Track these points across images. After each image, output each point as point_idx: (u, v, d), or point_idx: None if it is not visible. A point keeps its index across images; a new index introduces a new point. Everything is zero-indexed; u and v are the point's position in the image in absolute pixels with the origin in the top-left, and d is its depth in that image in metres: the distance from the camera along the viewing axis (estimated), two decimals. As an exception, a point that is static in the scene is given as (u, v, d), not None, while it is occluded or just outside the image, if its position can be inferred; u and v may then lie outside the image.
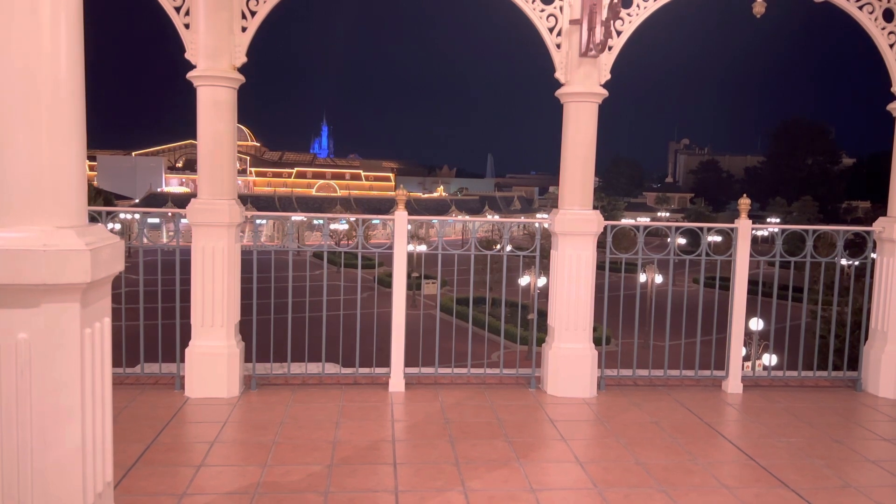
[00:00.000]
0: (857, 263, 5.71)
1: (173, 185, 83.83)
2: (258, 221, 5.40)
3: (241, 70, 4.86)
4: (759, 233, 5.55)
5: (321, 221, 5.35)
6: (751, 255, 5.38)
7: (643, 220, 5.72)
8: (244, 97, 5.05)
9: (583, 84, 4.98)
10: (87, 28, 2.07)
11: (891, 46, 5.28)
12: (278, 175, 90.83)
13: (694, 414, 4.87)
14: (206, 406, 4.72)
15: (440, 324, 5.44)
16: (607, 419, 4.77)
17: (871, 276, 5.58)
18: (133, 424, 4.31)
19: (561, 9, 4.95)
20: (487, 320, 8.48)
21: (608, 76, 5.01)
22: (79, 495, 2.01)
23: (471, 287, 5.57)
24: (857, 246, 5.72)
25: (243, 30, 4.79)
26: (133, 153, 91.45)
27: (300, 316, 5.21)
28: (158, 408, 4.63)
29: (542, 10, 4.95)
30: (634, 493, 3.55)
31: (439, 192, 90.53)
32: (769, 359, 6.76)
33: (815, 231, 5.51)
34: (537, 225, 5.62)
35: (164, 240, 5.56)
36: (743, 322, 5.43)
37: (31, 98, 1.90)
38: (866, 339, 5.65)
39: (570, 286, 5.15)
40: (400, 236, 5.14)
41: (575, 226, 5.12)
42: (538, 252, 5.50)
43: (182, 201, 4.96)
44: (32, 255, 1.86)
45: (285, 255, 5.33)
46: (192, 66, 4.76)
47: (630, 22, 5.00)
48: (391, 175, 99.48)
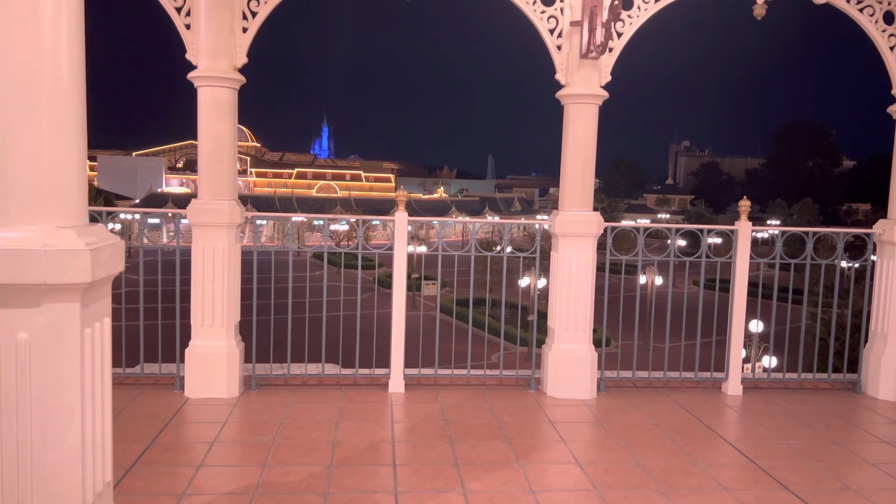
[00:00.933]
0: (857, 266, 5.71)
1: (174, 185, 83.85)
2: (258, 222, 5.40)
3: (242, 70, 4.87)
4: (760, 235, 5.55)
5: (321, 222, 5.35)
6: (751, 257, 5.38)
7: (643, 222, 5.71)
8: (245, 98, 5.06)
9: (583, 85, 4.99)
10: (87, 28, 2.08)
11: (891, 49, 5.28)
12: (279, 175, 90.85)
13: (693, 416, 4.87)
14: (206, 406, 4.72)
15: (440, 325, 5.44)
16: (607, 421, 4.77)
17: (872, 279, 5.59)
18: (133, 424, 4.31)
19: (561, 10, 4.96)
20: (487, 321, 8.48)
21: (609, 78, 5.02)
22: (78, 495, 2.01)
23: (471, 288, 5.56)
24: (858, 248, 5.72)
25: (244, 30, 4.79)
26: (133, 153, 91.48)
27: (300, 316, 5.21)
28: (158, 408, 4.63)
29: (543, 12, 4.96)
30: (634, 494, 3.55)
31: (439, 193, 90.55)
32: (769, 361, 6.76)
33: (815, 233, 5.51)
34: (537, 226, 5.62)
35: (165, 240, 5.56)
36: (743, 324, 5.43)
37: (32, 98, 1.90)
38: (866, 341, 5.65)
39: (570, 287, 5.15)
40: (400, 237, 5.14)
41: (575, 227, 5.12)
42: (538, 253, 5.50)
43: (182, 202, 4.96)
44: (33, 254, 1.86)
45: (285, 255, 5.33)
46: (192, 67, 4.77)
47: (631, 24, 5.00)
48: (391, 176, 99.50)
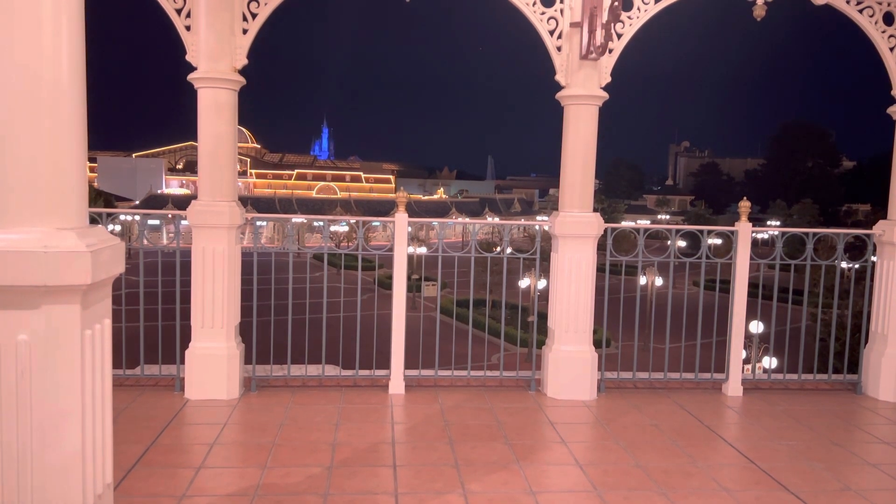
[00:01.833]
0: (857, 266, 5.71)
1: (174, 186, 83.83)
2: (258, 223, 5.40)
3: (242, 72, 4.87)
4: (759, 236, 5.55)
5: (321, 223, 5.35)
6: (751, 258, 5.38)
7: (643, 223, 5.72)
8: (245, 99, 5.06)
9: (583, 87, 4.99)
10: (88, 29, 2.07)
11: (891, 50, 5.28)
12: (279, 177, 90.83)
13: (694, 417, 4.87)
14: (206, 408, 4.72)
15: (440, 326, 5.44)
16: (607, 422, 4.77)
17: (872, 280, 5.59)
18: (133, 426, 4.30)
19: (561, 11, 4.96)
20: (487, 322, 8.47)
21: (609, 79, 5.02)
22: (79, 497, 2.00)
23: (471, 289, 5.56)
24: (858, 249, 5.72)
25: (244, 32, 4.80)
26: (133, 155, 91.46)
27: (300, 318, 5.21)
28: (158, 409, 4.63)
29: (543, 13, 4.96)
30: (634, 495, 3.55)
31: (439, 195, 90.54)
32: (769, 362, 6.76)
33: (815, 234, 5.51)
34: (537, 227, 5.62)
35: (165, 241, 5.55)
36: (743, 325, 5.43)
37: (33, 100, 1.89)
38: (866, 342, 5.65)
39: (571, 288, 5.15)
40: (400, 238, 5.14)
41: (575, 228, 5.12)
42: (538, 254, 5.49)
43: (182, 203, 4.95)
44: (33, 256, 1.85)
45: (285, 256, 5.33)
46: (193, 68, 4.77)
47: (630, 25, 5.00)
48: (391, 177, 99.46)
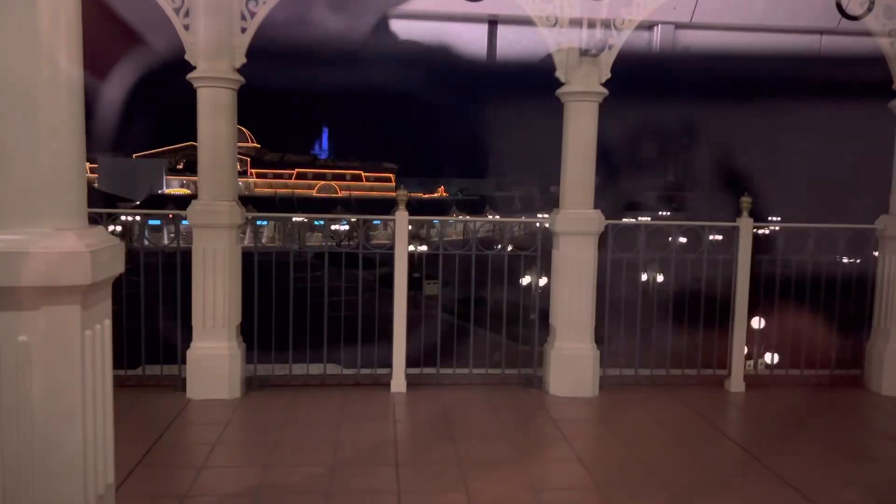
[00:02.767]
0: (859, 261, 5.69)
1: (174, 186, 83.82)
2: (259, 222, 5.39)
3: (241, 71, 4.85)
4: (760, 231, 5.53)
5: (322, 222, 5.34)
6: (752, 254, 5.37)
7: (644, 220, 5.70)
8: (244, 98, 5.04)
9: (583, 83, 4.97)
10: (85, 29, 2.06)
11: (892, 44, 5.26)
12: (279, 176, 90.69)
13: (696, 412, 4.85)
14: (208, 407, 4.71)
15: (441, 324, 5.43)
16: (610, 418, 4.76)
17: (874, 274, 5.57)
18: (135, 426, 4.29)
19: (561, 7, 4.94)
20: (489, 320, 8.44)
21: (608, 74, 4.99)
22: (80, 497, 2.00)
23: (472, 287, 5.55)
24: (860, 244, 5.70)
25: (243, 31, 4.78)
26: (134, 155, 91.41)
27: (301, 317, 5.20)
28: (160, 409, 4.62)
29: (542, 10, 4.94)
30: (638, 492, 3.54)
31: (440, 192, 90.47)
32: (771, 357, 6.75)
33: (817, 229, 5.49)
34: (538, 225, 5.61)
35: (166, 241, 5.55)
36: (745, 320, 5.41)
37: (30, 100, 1.88)
38: (868, 337, 5.64)
39: (572, 286, 5.14)
40: (401, 236, 5.13)
41: (576, 225, 5.11)
42: (539, 252, 5.48)
43: (183, 203, 4.95)
44: (32, 257, 1.84)
45: (286, 256, 5.31)
46: (192, 68, 4.76)
47: (630, 20, 4.98)
48: (391, 175, 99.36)
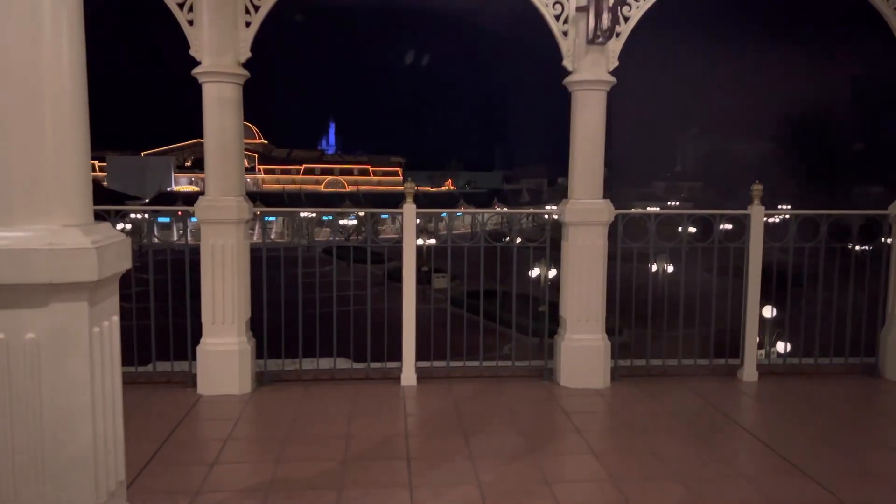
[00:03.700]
0: (871, 248, 5.63)
1: (183, 184, 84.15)
2: (267, 218, 5.38)
3: (247, 65, 4.84)
4: (771, 220, 5.47)
5: (330, 217, 5.33)
6: (764, 242, 5.31)
7: (653, 210, 5.66)
8: (251, 95, 5.03)
9: (590, 72, 4.93)
10: (91, 27, 2.05)
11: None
12: (287, 172, 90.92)
13: (709, 402, 4.82)
14: (219, 403, 4.72)
15: (451, 317, 5.42)
16: (621, 410, 4.74)
17: (887, 261, 5.51)
18: (146, 423, 4.31)
19: (567, -4, 4.89)
20: (498, 313, 8.42)
21: (616, 63, 4.95)
22: (91, 494, 2.00)
23: (481, 280, 5.53)
24: (872, 231, 5.63)
25: (247, 25, 4.76)
26: (142, 153, 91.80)
27: (311, 312, 5.20)
28: (171, 406, 4.64)
29: (548, -2, 4.89)
30: (650, 484, 3.51)
31: (448, 186, 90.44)
32: (784, 346, 6.69)
33: (829, 216, 5.43)
34: (546, 216, 5.57)
35: (176, 238, 5.57)
36: (757, 309, 5.37)
37: (34, 97, 1.87)
38: (882, 324, 5.58)
39: (582, 277, 5.11)
40: (409, 229, 5.11)
41: (585, 215, 5.08)
42: (548, 243, 5.45)
43: (192, 200, 4.95)
44: (38, 254, 1.84)
45: (295, 251, 5.31)
46: (197, 63, 4.74)
47: (638, 7, 4.93)
48: (399, 169, 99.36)
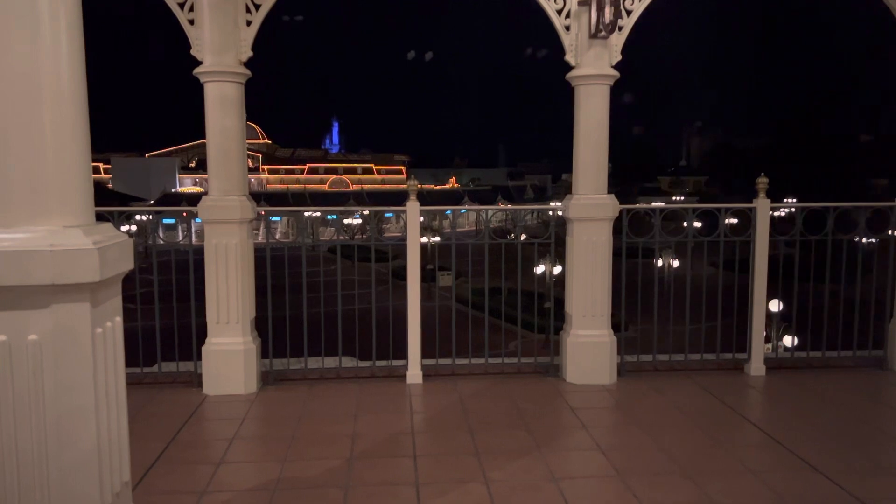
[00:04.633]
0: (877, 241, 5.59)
1: (187, 184, 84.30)
2: (272, 218, 5.37)
3: (248, 65, 4.83)
4: (776, 213, 5.43)
5: (334, 216, 5.32)
6: (770, 235, 5.28)
7: (658, 204, 5.62)
8: (254, 95, 5.02)
9: (593, 66, 4.90)
10: (94, 29, 2.04)
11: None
12: (290, 172, 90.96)
13: (716, 397, 4.80)
14: (224, 403, 4.72)
15: (456, 314, 5.40)
16: (628, 405, 4.72)
17: (895, 253, 5.47)
18: (152, 423, 4.31)
19: (569, -10, 4.86)
20: (504, 310, 8.41)
21: (619, 57, 4.92)
22: (96, 495, 1.99)
23: (485, 277, 5.51)
24: (879, 223, 5.59)
25: (248, 24, 4.75)
26: (146, 155, 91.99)
27: (315, 311, 5.19)
28: (177, 406, 4.64)
29: (550, -7, 4.87)
30: (658, 479, 3.50)
31: (452, 183, 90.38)
32: (791, 340, 6.66)
33: (835, 208, 5.39)
34: (550, 212, 5.55)
35: (181, 239, 5.58)
36: (764, 303, 5.34)
37: (33, 97, 1.86)
38: (890, 317, 5.54)
39: (587, 273, 5.08)
40: (413, 227, 5.09)
41: (590, 211, 5.05)
42: (553, 239, 5.43)
43: (196, 201, 4.95)
44: (40, 255, 1.83)
45: (299, 251, 5.30)
46: (198, 63, 4.74)
47: (640, 1, 4.90)
48: (403, 168, 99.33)
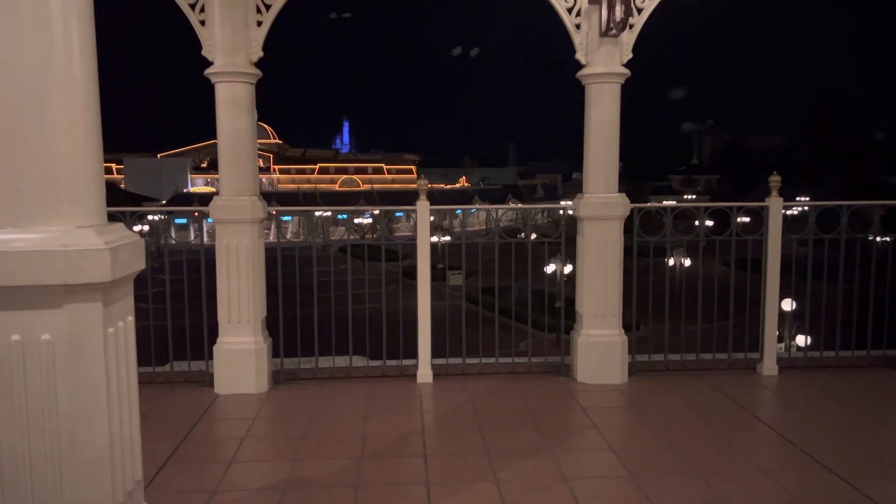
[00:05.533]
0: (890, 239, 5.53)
1: (199, 185, 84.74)
2: (283, 218, 5.39)
3: (259, 65, 4.84)
4: (789, 212, 5.39)
5: (345, 216, 5.33)
6: (783, 234, 5.24)
7: (669, 203, 5.59)
8: (264, 95, 5.04)
9: (604, 64, 4.88)
10: (106, 31, 2.05)
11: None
12: (301, 171, 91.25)
13: (728, 397, 4.76)
14: (236, 402, 4.74)
15: (466, 314, 5.39)
16: (639, 405, 4.69)
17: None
18: (164, 422, 4.33)
19: (579, -12, 4.84)
20: (514, 309, 8.39)
21: (630, 55, 4.90)
22: (108, 494, 2.00)
23: (496, 276, 5.50)
24: (893, 221, 5.53)
25: (258, 24, 4.77)
26: (159, 155, 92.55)
27: (326, 310, 5.20)
28: (189, 405, 4.66)
29: (560, -9, 4.85)
30: (669, 480, 3.48)
31: (462, 183, 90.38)
32: (804, 340, 6.60)
33: (849, 207, 5.34)
34: (561, 212, 5.54)
35: (192, 238, 5.63)
36: (777, 302, 5.30)
37: (46, 99, 1.87)
38: (906, 316, 5.48)
39: (598, 272, 5.07)
40: (423, 226, 5.09)
41: (600, 210, 5.03)
42: (563, 238, 5.41)
43: (208, 201, 4.97)
44: (52, 255, 1.84)
45: (310, 250, 5.31)
46: (209, 63, 4.76)
47: (651, -1, 4.87)
48: (413, 167, 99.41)
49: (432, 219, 5.21)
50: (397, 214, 5.99)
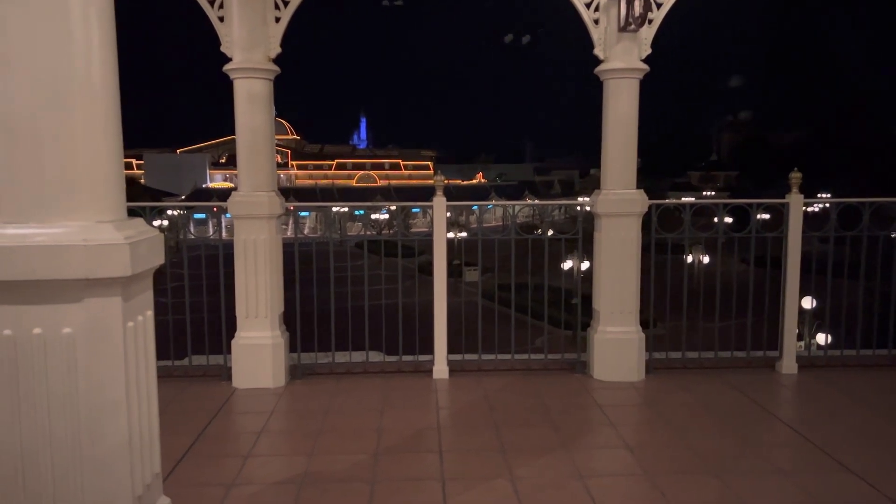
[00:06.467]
0: None
1: (217, 180, 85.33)
2: (301, 213, 5.42)
3: (277, 61, 4.86)
4: (809, 209, 5.32)
5: (362, 212, 5.35)
6: (804, 231, 5.18)
7: (688, 200, 5.55)
8: (282, 91, 5.06)
9: (623, 60, 4.84)
10: (126, 28, 2.07)
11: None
12: (319, 167, 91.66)
13: (746, 396, 4.72)
14: (253, 396, 4.78)
15: (482, 310, 5.39)
16: (656, 403, 4.67)
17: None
18: (182, 416, 4.38)
19: (598, -17, 4.81)
20: (530, 306, 8.37)
21: (649, 50, 4.86)
22: (128, 486, 2.02)
23: (512, 272, 5.49)
24: None
25: (277, 20, 4.79)
26: (178, 151, 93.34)
27: (343, 306, 5.22)
28: (206, 399, 4.70)
29: (579, -14, 4.82)
30: (686, 478, 3.45)
31: (479, 179, 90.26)
32: (825, 338, 6.52)
33: (871, 203, 5.26)
34: (578, 208, 5.51)
35: (211, 234, 5.68)
36: (797, 300, 5.24)
37: (66, 95, 1.89)
38: (929, 315, 5.39)
39: (615, 269, 5.04)
40: (439, 222, 5.09)
41: (618, 206, 5.00)
42: (580, 235, 5.39)
43: (226, 196, 5.01)
44: (73, 249, 1.86)
45: (327, 246, 5.33)
46: (228, 59, 4.79)
47: (670, -7, 4.82)
48: (430, 163, 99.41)
49: (449, 215, 5.21)
50: (414, 210, 5.99)
